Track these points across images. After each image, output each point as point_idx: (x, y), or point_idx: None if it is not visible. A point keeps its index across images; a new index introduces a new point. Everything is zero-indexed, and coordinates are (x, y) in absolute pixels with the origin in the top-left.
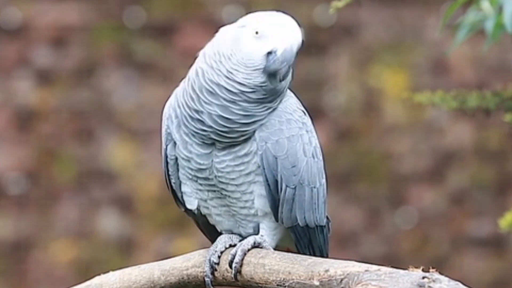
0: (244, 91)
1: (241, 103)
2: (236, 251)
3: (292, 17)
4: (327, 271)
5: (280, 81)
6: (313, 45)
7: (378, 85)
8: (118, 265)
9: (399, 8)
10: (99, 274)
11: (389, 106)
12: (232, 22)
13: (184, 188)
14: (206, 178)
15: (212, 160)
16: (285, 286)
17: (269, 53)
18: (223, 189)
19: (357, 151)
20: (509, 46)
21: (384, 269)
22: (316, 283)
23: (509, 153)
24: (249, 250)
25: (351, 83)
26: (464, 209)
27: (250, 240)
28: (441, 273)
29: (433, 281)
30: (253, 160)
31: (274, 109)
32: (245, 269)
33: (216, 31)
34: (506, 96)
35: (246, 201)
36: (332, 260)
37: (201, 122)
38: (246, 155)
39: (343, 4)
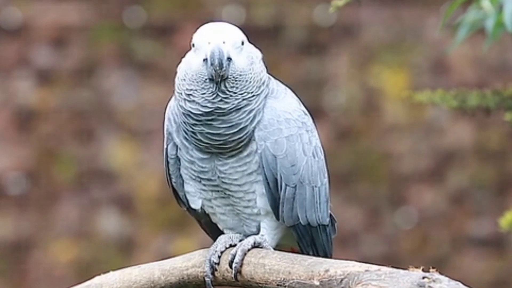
0: (207, 111)
1: (219, 118)
2: (236, 251)
3: (231, 23)
4: (327, 271)
5: (220, 82)
6: (313, 45)
7: (378, 85)
8: (118, 265)
9: (399, 8)
10: (99, 274)
11: (389, 106)
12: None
13: (187, 188)
14: (209, 179)
15: (214, 163)
16: (285, 286)
17: (203, 60)
18: (226, 189)
19: (357, 151)
20: (509, 45)
21: (384, 269)
22: (316, 283)
23: (509, 153)
24: (249, 250)
25: (351, 83)
26: (464, 209)
27: (250, 240)
28: (441, 273)
29: (433, 281)
30: (254, 159)
31: (258, 111)
32: (245, 269)
33: None
34: (506, 95)
35: (249, 200)
36: (332, 260)
37: (200, 139)
38: (248, 155)
39: (343, 3)
